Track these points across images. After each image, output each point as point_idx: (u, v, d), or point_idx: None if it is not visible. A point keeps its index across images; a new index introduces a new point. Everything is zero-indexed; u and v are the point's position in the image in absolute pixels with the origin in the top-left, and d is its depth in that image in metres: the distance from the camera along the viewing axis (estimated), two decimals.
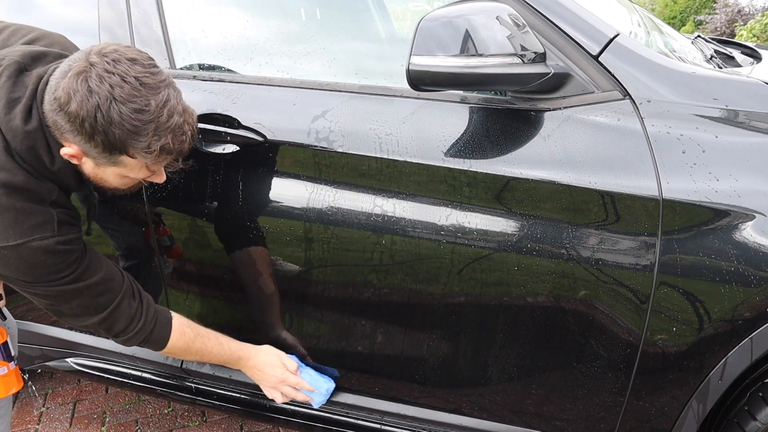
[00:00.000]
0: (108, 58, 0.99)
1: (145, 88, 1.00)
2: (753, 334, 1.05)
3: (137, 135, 1.00)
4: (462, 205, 1.17)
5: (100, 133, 0.99)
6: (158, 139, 1.02)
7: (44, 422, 2.01)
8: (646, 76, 1.10)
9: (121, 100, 0.98)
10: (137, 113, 0.99)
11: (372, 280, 1.27)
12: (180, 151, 1.07)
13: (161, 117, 1.01)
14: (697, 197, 1.03)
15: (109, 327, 1.22)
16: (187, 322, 1.33)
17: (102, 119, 0.98)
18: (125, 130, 0.99)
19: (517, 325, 1.20)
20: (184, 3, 1.47)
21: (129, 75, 0.99)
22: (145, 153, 1.02)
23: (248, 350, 1.39)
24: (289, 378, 1.38)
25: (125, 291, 1.22)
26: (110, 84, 0.97)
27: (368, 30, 1.79)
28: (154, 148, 1.02)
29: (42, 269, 1.09)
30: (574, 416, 1.24)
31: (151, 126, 1.00)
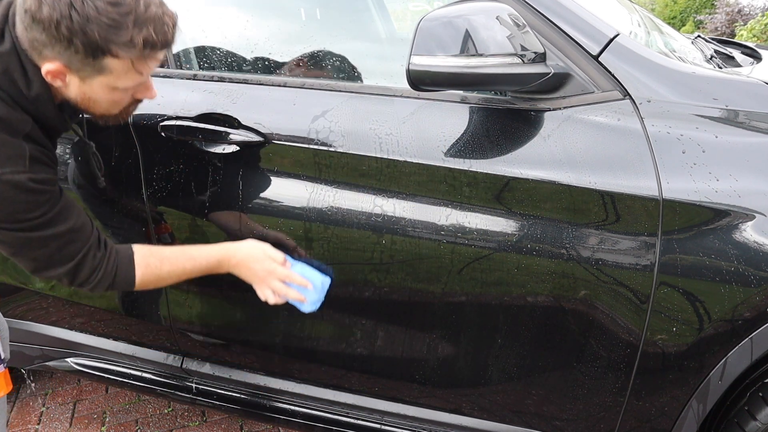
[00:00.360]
0: None
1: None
2: (753, 334, 1.05)
3: (117, 29, 0.97)
4: (462, 205, 1.17)
5: (78, 33, 0.95)
6: (140, 31, 0.98)
7: (44, 422, 2.01)
8: (646, 76, 1.10)
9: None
10: (113, 6, 0.96)
11: (372, 279, 1.27)
12: (164, 42, 1.03)
13: (138, 7, 0.98)
14: (697, 197, 1.03)
15: (74, 277, 1.17)
16: (150, 251, 1.24)
17: (78, 17, 0.94)
18: (104, 24, 0.96)
19: (517, 325, 1.20)
20: (184, 3, 1.47)
21: None
22: (130, 47, 0.99)
23: (227, 249, 1.28)
24: (278, 270, 1.25)
25: (92, 241, 1.17)
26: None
27: (368, 30, 1.79)
28: (137, 40, 0.98)
29: (9, 206, 1.04)
30: (574, 416, 1.24)
31: (130, 17, 0.97)
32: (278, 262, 1.26)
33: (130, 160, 1.40)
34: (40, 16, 0.94)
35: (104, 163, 1.36)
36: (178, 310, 1.52)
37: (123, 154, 1.41)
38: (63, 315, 1.68)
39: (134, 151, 1.40)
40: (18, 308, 1.72)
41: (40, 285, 1.66)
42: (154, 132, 1.37)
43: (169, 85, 1.40)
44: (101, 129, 1.41)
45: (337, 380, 1.44)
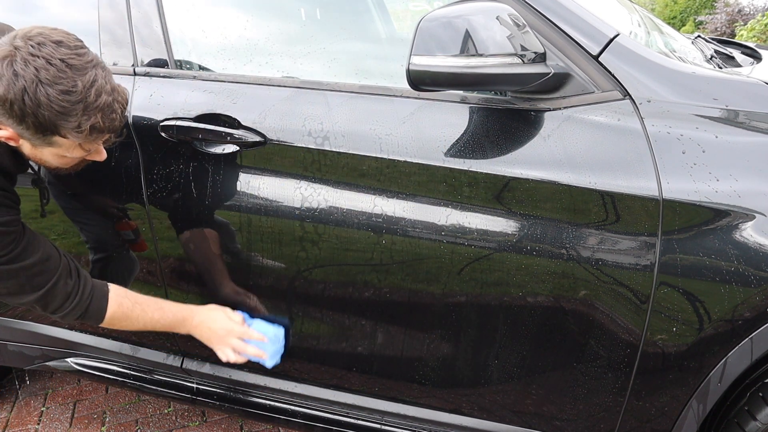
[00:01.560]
0: (33, 42, 1.01)
1: (71, 69, 1.03)
2: (753, 334, 1.05)
3: (66, 116, 1.03)
4: (462, 205, 1.17)
5: (29, 115, 1.02)
6: (88, 119, 1.05)
7: (44, 422, 2.01)
8: (646, 76, 1.10)
9: (47, 82, 1.00)
10: (64, 94, 1.02)
11: (372, 280, 1.27)
12: (111, 129, 1.10)
13: (89, 97, 1.04)
14: (697, 197, 1.03)
15: (45, 305, 1.23)
16: (125, 293, 1.33)
17: (30, 102, 1.00)
18: (54, 111, 1.02)
19: (517, 325, 1.20)
20: (184, 3, 1.47)
21: (54, 57, 1.01)
22: (76, 133, 1.05)
23: (191, 310, 1.39)
24: (236, 328, 1.37)
25: (62, 271, 1.23)
26: (35, 67, 1.00)
27: (368, 30, 1.79)
28: (84, 127, 1.05)
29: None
30: (574, 416, 1.24)
31: (79, 106, 1.03)
32: (236, 321, 1.37)
33: (130, 161, 1.40)
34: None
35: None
36: None
37: (123, 154, 1.41)
38: None
39: (134, 152, 1.40)
40: (18, 308, 1.72)
41: None
42: (154, 132, 1.37)
43: (169, 85, 1.40)
44: None
45: (337, 380, 1.44)
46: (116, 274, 1.57)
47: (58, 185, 1.51)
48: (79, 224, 1.55)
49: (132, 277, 1.54)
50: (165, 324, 1.37)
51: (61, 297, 1.23)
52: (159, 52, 1.42)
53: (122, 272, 1.56)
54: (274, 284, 1.38)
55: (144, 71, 1.42)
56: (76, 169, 1.25)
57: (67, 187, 1.52)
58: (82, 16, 1.53)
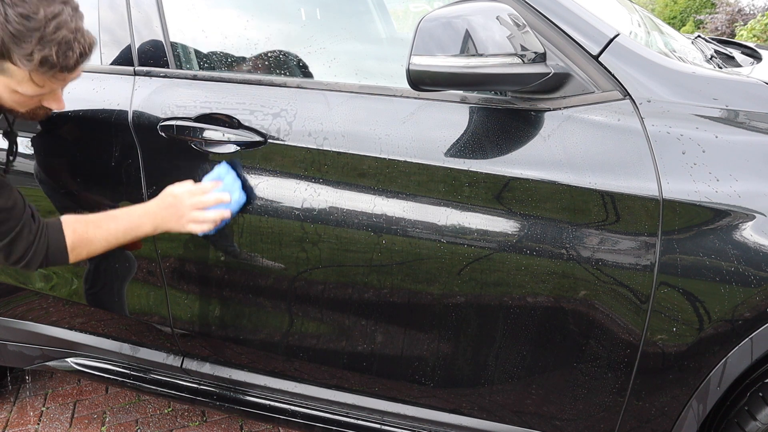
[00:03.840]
0: None
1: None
2: (753, 334, 1.05)
3: (20, 40, 1.01)
4: (462, 205, 1.17)
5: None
6: (41, 49, 1.02)
7: (44, 422, 2.01)
8: (646, 77, 1.10)
9: (9, 2, 0.99)
10: (22, 18, 1.00)
11: (372, 280, 1.27)
12: (64, 66, 1.06)
13: (48, 27, 1.02)
14: (697, 197, 1.03)
15: (9, 253, 1.20)
16: (75, 218, 1.28)
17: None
18: (8, 32, 1.00)
19: (517, 325, 1.20)
20: (184, 4, 1.47)
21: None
22: (26, 61, 1.03)
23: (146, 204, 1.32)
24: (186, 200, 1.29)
25: (26, 217, 1.20)
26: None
27: (368, 30, 1.79)
28: (35, 57, 1.02)
29: None
30: (574, 416, 1.24)
31: (35, 34, 1.01)
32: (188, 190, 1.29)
33: (130, 160, 1.40)
34: None
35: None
36: (178, 310, 1.52)
37: (123, 154, 1.41)
38: (63, 315, 1.68)
39: (134, 152, 1.40)
40: (18, 308, 1.72)
41: (40, 285, 1.66)
42: (154, 132, 1.37)
43: (169, 85, 1.40)
44: (101, 128, 1.41)
45: (337, 380, 1.44)
46: (112, 273, 1.57)
47: (53, 183, 1.51)
48: None
49: (129, 277, 1.54)
50: (126, 229, 1.29)
51: (24, 244, 1.20)
52: (159, 52, 1.42)
53: (119, 271, 1.56)
54: (274, 284, 1.38)
55: (144, 71, 1.43)
56: (35, 118, 1.21)
57: (62, 185, 1.52)
58: None
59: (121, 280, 1.57)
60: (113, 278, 1.58)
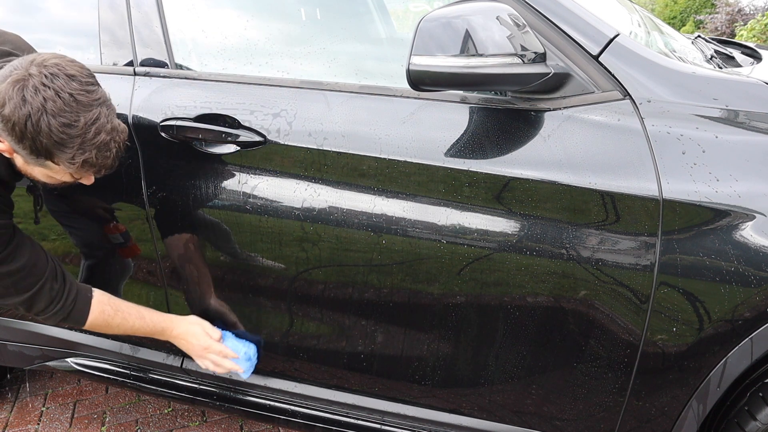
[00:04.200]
0: (46, 71, 1.06)
1: (77, 104, 1.07)
2: (753, 334, 1.05)
3: (63, 147, 1.08)
4: (462, 205, 1.17)
5: (28, 138, 1.07)
6: (82, 153, 1.10)
7: (44, 422, 2.01)
8: (646, 77, 1.10)
9: (51, 113, 1.05)
10: (65, 127, 1.07)
11: (372, 280, 1.27)
12: (103, 166, 1.15)
13: (88, 134, 1.09)
14: (697, 197, 1.03)
15: (30, 306, 1.29)
16: (108, 300, 1.38)
17: (31, 127, 1.06)
18: (52, 140, 1.07)
19: (517, 325, 1.20)
20: (184, 4, 1.47)
21: (64, 91, 1.06)
22: (69, 163, 1.11)
23: (171, 321, 1.44)
24: (213, 345, 1.42)
25: (48, 275, 1.28)
26: (44, 97, 1.05)
27: (368, 30, 1.79)
28: (77, 160, 1.10)
29: None
30: (574, 416, 1.24)
31: (77, 140, 1.08)
32: (214, 338, 1.43)
33: (130, 161, 1.40)
34: (2, 111, 1.06)
35: None
36: (178, 310, 1.52)
37: (123, 154, 1.41)
38: None
39: (134, 152, 1.40)
40: None
41: None
42: (154, 132, 1.37)
43: (169, 85, 1.40)
44: None
45: (337, 380, 1.44)
46: (108, 277, 1.57)
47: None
48: (68, 228, 1.56)
49: (124, 281, 1.55)
50: (145, 332, 1.43)
51: (45, 300, 1.28)
52: (159, 52, 1.42)
53: (114, 275, 1.57)
54: (274, 284, 1.38)
55: (144, 71, 1.43)
56: (65, 185, 1.29)
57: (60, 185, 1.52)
58: (82, 16, 1.53)
59: (121, 280, 1.57)
60: (114, 278, 1.58)
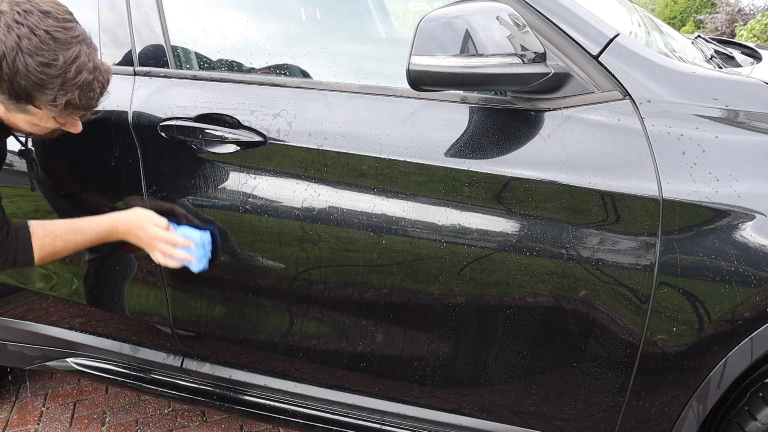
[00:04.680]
0: (19, 8, 1.00)
1: (55, 42, 1.01)
2: (753, 334, 1.05)
3: (42, 88, 1.02)
4: (462, 205, 1.17)
5: (5, 81, 1.02)
6: (64, 94, 1.04)
7: (44, 422, 2.01)
8: (646, 77, 1.10)
9: (27, 51, 0.99)
10: (43, 66, 1.00)
11: (372, 280, 1.27)
12: (87, 107, 1.09)
13: (68, 73, 1.02)
14: (697, 197, 1.03)
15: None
16: (44, 231, 1.31)
17: (7, 68, 1.00)
18: (30, 81, 1.01)
19: (517, 325, 1.20)
20: (184, 4, 1.47)
21: (39, 27, 1.00)
22: (51, 106, 1.05)
23: (113, 218, 1.36)
24: (160, 234, 1.34)
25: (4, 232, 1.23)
26: (18, 35, 0.99)
27: (368, 30, 1.79)
28: (59, 102, 1.04)
29: None
30: (574, 416, 1.24)
31: (57, 81, 1.02)
32: (161, 227, 1.35)
33: (130, 161, 1.40)
34: None
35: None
36: (178, 310, 1.52)
37: (123, 154, 1.41)
38: (63, 315, 1.68)
39: (134, 152, 1.40)
40: (18, 308, 1.72)
41: (40, 285, 1.66)
42: (154, 132, 1.37)
43: (169, 85, 1.40)
44: (101, 128, 1.41)
45: (337, 380, 1.44)
46: (112, 275, 1.57)
47: (50, 184, 1.51)
48: None
49: (129, 277, 1.54)
50: (93, 242, 1.36)
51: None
52: (159, 52, 1.42)
53: (119, 273, 1.56)
54: (274, 284, 1.38)
55: (144, 71, 1.43)
56: (50, 137, 1.24)
57: (60, 186, 1.52)
58: (82, 17, 1.52)
59: (121, 280, 1.57)
60: (114, 278, 1.58)
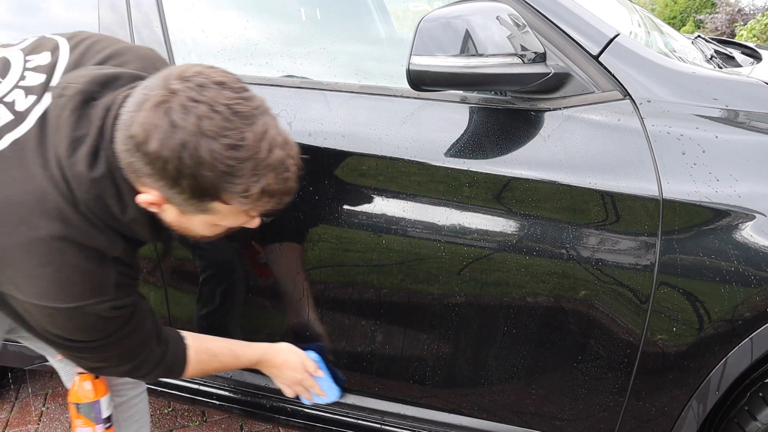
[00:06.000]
0: (192, 83, 0.81)
1: (238, 117, 0.81)
2: (753, 334, 1.05)
3: (232, 177, 0.82)
4: (462, 205, 1.17)
5: (187, 176, 0.82)
6: (257, 180, 0.83)
7: (44, 422, 2.01)
8: (646, 77, 1.10)
9: (211, 134, 0.79)
10: (231, 150, 0.80)
11: (372, 280, 1.27)
12: (284, 191, 0.88)
13: (260, 152, 0.82)
14: (697, 197, 1.03)
15: (132, 371, 1.10)
16: (200, 346, 1.19)
17: (189, 160, 0.80)
18: (218, 171, 0.81)
19: (517, 325, 1.20)
20: (184, 4, 1.47)
21: (218, 102, 0.80)
22: (242, 198, 0.85)
23: (267, 353, 1.28)
24: (306, 381, 1.33)
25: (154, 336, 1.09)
26: (197, 115, 0.79)
27: (368, 30, 1.79)
28: (253, 191, 0.84)
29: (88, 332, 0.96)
30: (574, 416, 1.24)
31: (248, 164, 0.82)
32: (310, 371, 1.32)
33: None
34: (146, 148, 0.81)
35: None
36: (178, 310, 1.52)
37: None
38: None
39: None
40: None
41: None
42: None
43: None
44: None
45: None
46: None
47: None
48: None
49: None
50: (239, 368, 1.33)
51: (151, 364, 1.10)
52: (159, 52, 1.42)
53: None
54: (273, 284, 1.38)
55: None
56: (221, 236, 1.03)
57: None
58: (82, 17, 1.53)
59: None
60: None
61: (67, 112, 0.87)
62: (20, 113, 0.89)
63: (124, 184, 0.89)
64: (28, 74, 0.93)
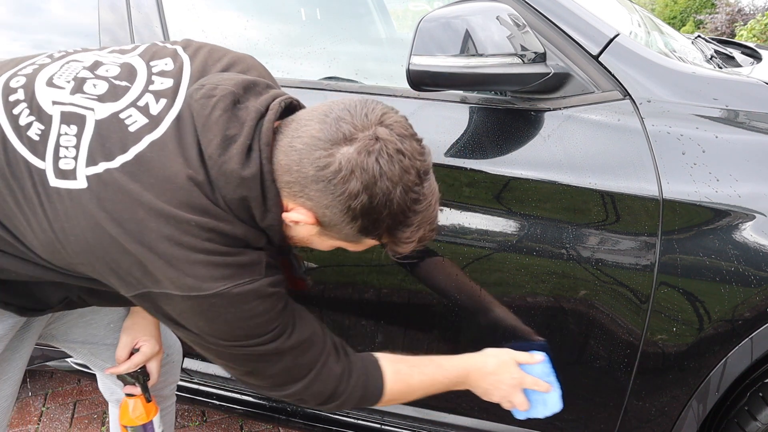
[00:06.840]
0: (395, 132, 0.84)
1: (420, 173, 0.86)
2: (753, 334, 1.05)
3: (404, 225, 0.87)
4: (462, 205, 1.17)
5: (366, 217, 0.84)
6: (417, 230, 0.88)
7: (44, 422, 2.01)
8: (646, 77, 1.10)
9: (406, 186, 0.84)
10: (414, 203, 0.85)
11: (372, 280, 1.27)
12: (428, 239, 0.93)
13: (429, 209, 0.88)
14: (697, 197, 1.03)
15: (315, 394, 1.00)
16: (396, 357, 1.08)
17: (381, 205, 0.83)
18: (398, 219, 0.86)
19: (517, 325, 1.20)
20: (184, 4, 1.47)
21: (415, 158, 0.85)
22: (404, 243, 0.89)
23: (475, 362, 1.10)
24: (525, 379, 1.09)
25: (329, 348, 1.01)
26: (402, 168, 0.83)
27: (368, 30, 1.79)
28: (412, 239, 0.89)
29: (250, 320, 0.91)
30: (574, 416, 1.24)
31: (419, 216, 0.87)
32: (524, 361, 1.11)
33: None
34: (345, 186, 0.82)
35: None
36: None
37: None
38: None
39: None
40: None
41: None
42: None
43: None
44: None
45: None
46: None
47: None
48: None
49: None
50: (447, 383, 1.09)
51: (332, 380, 1.00)
52: None
53: None
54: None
55: None
56: None
57: None
58: (82, 17, 1.53)
59: None
60: None
61: (218, 112, 0.87)
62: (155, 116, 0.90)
63: (271, 190, 0.88)
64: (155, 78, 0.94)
